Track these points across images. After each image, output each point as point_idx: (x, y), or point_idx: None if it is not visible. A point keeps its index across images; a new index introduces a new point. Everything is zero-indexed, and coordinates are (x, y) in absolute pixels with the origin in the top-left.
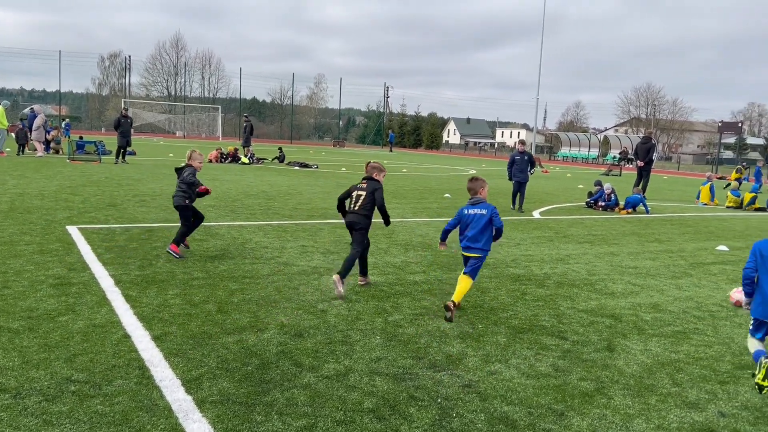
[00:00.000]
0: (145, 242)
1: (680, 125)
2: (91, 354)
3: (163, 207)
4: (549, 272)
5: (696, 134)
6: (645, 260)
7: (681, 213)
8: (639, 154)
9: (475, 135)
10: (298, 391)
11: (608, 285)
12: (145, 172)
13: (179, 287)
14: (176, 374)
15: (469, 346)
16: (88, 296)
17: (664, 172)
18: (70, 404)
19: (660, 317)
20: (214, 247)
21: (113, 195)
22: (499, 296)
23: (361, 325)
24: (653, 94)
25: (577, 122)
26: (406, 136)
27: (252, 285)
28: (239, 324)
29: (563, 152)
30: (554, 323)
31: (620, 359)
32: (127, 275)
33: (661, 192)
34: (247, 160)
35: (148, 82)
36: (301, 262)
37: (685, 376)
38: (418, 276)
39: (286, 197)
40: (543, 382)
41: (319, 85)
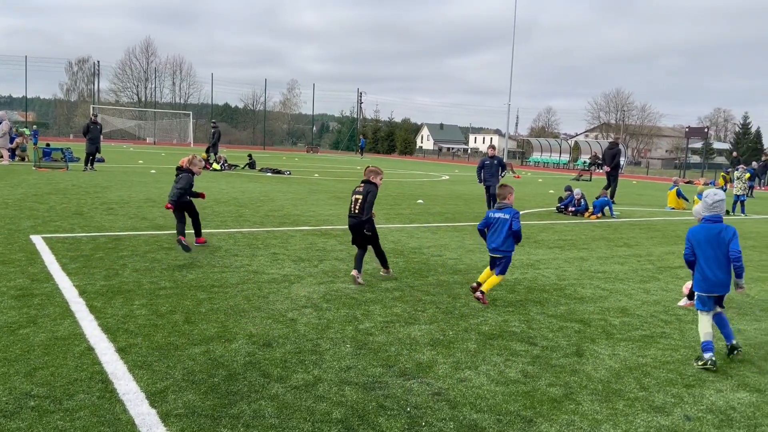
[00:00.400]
0: (112, 251)
1: (649, 130)
2: (52, 368)
3: (131, 215)
4: (519, 278)
5: (664, 139)
6: (614, 265)
7: (649, 218)
8: (606, 159)
9: (448, 141)
10: (266, 402)
11: (578, 290)
12: (113, 179)
13: (145, 297)
14: (141, 387)
15: (439, 354)
16: (51, 308)
17: (633, 177)
18: (28, 420)
19: (628, 321)
20: (182, 256)
21: (80, 203)
22: (469, 302)
23: (331, 333)
24: (622, 99)
25: (548, 128)
26: (379, 142)
27: (221, 294)
28: (207, 334)
29: (535, 158)
30: (524, 329)
31: (589, 364)
32: (92, 286)
33: (629, 197)
34: (218, 167)
35: (118, 87)
36: (271, 270)
37: (652, 380)
38: (390, 283)
39: (258, 204)
40: (512, 389)
41: (292, 90)
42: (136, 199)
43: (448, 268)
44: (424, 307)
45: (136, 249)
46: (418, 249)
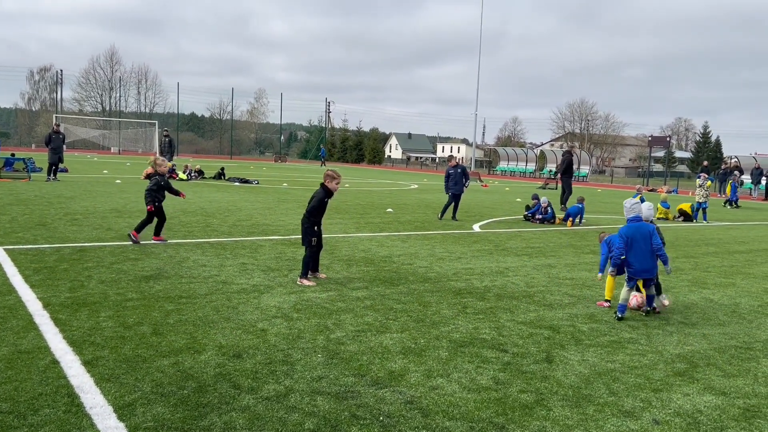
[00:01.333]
0: (77, 263)
1: (612, 139)
2: (15, 382)
3: (95, 226)
4: (489, 285)
5: (628, 148)
6: (581, 272)
7: (615, 225)
8: (558, 166)
9: (416, 150)
10: (237, 414)
11: (546, 297)
12: (77, 189)
13: (112, 309)
14: (108, 400)
15: (411, 362)
16: (14, 321)
17: (597, 185)
18: None
19: (596, 327)
20: (149, 267)
21: (43, 214)
22: (440, 310)
23: (302, 343)
24: (587, 109)
25: (514, 137)
26: (348, 151)
27: (189, 305)
28: (175, 346)
29: (502, 166)
30: (494, 336)
31: (559, 370)
32: (56, 298)
33: (595, 204)
34: (185, 176)
35: (81, 96)
36: (240, 281)
37: (620, 385)
38: (361, 292)
39: (226, 214)
40: (484, 396)
41: (259, 99)
42: (101, 210)
43: (418, 277)
44: (396, 315)
45: (101, 260)
46: (389, 257)
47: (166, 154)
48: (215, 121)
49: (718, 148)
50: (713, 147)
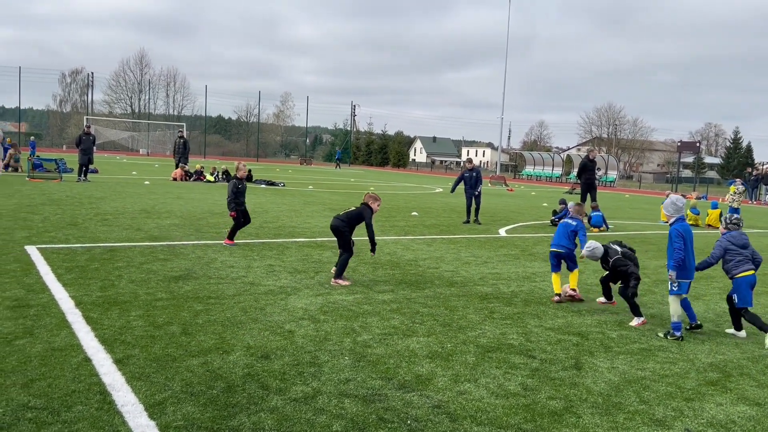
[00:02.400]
0: (107, 262)
1: (640, 144)
2: (49, 379)
3: (125, 226)
4: (516, 290)
5: (656, 153)
6: None
7: (643, 231)
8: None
9: (440, 153)
10: (265, 414)
11: (574, 303)
12: (107, 190)
13: (142, 308)
14: (139, 399)
15: (438, 366)
16: (47, 318)
17: (625, 191)
18: None
19: (625, 334)
20: (178, 267)
21: (74, 214)
22: (467, 314)
23: (330, 345)
24: (614, 113)
25: (540, 141)
26: (373, 155)
27: (217, 306)
28: (204, 346)
29: (527, 171)
30: (522, 341)
31: (588, 377)
32: (88, 296)
33: (622, 210)
34: (212, 178)
35: (111, 99)
36: (267, 282)
37: (651, 393)
38: (387, 295)
39: (253, 216)
40: (512, 402)
41: (285, 103)
42: (131, 210)
43: (444, 281)
44: (422, 319)
45: (131, 260)
46: (414, 261)
47: (179, 156)
48: (242, 123)
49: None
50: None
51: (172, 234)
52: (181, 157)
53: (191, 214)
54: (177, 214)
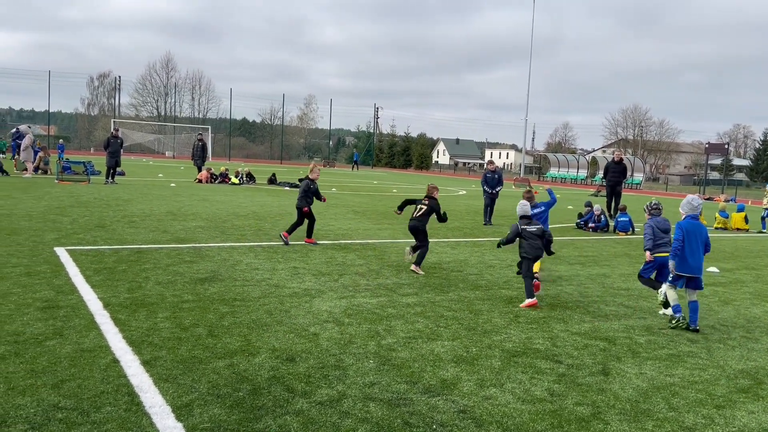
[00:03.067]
0: (135, 264)
1: (667, 146)
2: (78, 380)
3: (152, 228)
4: (542, 294)
5: (683, 155)
6: (637, 282)
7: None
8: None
9: (464, 155)
10: (291, 417)
11: (601, 307)
12: (134, 192)
13: (169, 310)
14: (166, 400)
15: (463, 371)
16: (76, 320)
17: (651, 193)
18: None
19: (654, 340)
20: (204, 269)
21: (102, 216)
22: (492, 318)
23: (354, 348)
24: (640, 115)
25: (565, 143)
26: (395, 157)
27: (243, 308)
28: (230, 348)
29: (552, 173)
30: (548, 346)
31: (616, 383)
32: (115, 298)
33: None
34: (237, 180)
35: (138, 102)
36: (292, 284)
37: (680, 400)
38: (411, 298)
39: (277, 218)
40: (539, 407)
41: (309, 105)
42: (157, 213)
43: (469, 284)
44: (447, 323)
45: (158, 262)
46: (438, 264)
47: (198, 159)
48: (266, 126)
49: None
50: None
51: (198, 236)
52: (200, 160)
53: (216, 216)
54: (202, 216)
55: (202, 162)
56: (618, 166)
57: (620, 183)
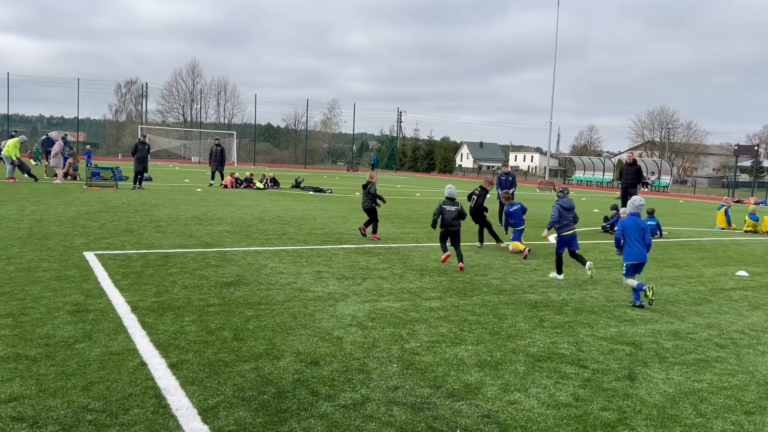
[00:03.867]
0: (162, 268)
1: (695, 148)
2: (107, 382)
3: (178, 233)
4: (567, 298)
5: (711, 157)
6: (663, 286)
7: (698, 238)
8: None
9: (487, 159)
10: (315, 420)
11: (627, 311)
12: (161, 197)
13: (195, 314)
14: (193, 403)
15: (487, 375)
16: (105, 323)
17: (679, 196)
18: None
19: (681, 345)
20: (229, 273)
21: (130, 221)
22: (516, 323)
23: (378, 352)
24: (667, 117)
25: (590, 146)
26: (419, 161)
27: (267, 311)
28: (255, 351)
29: (577, 176)
30: (573, 351)
31: (642, 388)
32: (143, 302)
33: (677, 216)
34: (261, 185)
35: (164, 108)
36: (316, 288)
37: (709, 406)
38: (434, 302)
39: (301, 222)
40: (564, 412)
41: (333, 110)
42: (184, 217)
43: (492, 288)
44: (470, 327)
45: (184, 266)
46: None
47: (216, 163)
48: (290, 131)
49: None
50: None
51: (224, 240)
52: (218, 165)
53: (241, 221)
54: (228, 220)
55: (221, 167)
56: (631, 167)
57: (634, 185)
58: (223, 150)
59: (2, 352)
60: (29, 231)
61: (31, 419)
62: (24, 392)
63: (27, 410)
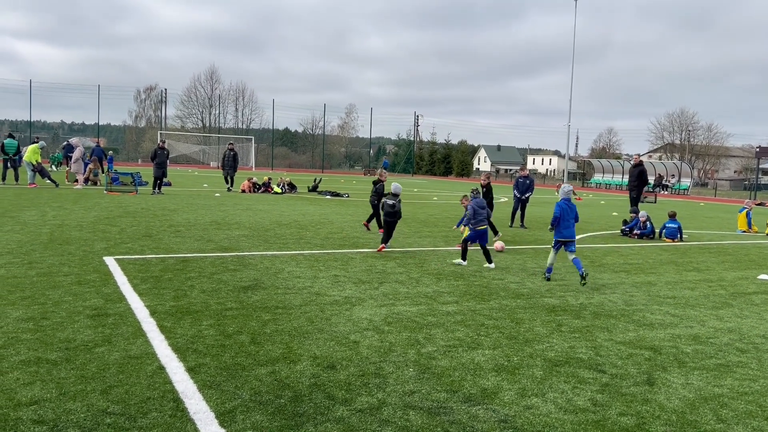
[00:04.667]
0: (180, 273)
1: (716, 150)
2: (126, 386)
3: (197, 237)
4: (585, 302)
5: (732, 159)
6: (683, 290)
7: (719, 241)
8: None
9: (505, 162)
10: (331, 425)
11: (646, 316)
12: (180, 202)
13: (213, 318)
14: (210, 407)
15: (504, 380)
16: (124, 327)
17: (700, 199)
18: None
19: (701, 349)
20: (247, 277)
21: (149, 225)
22: (534, 327)
23: (394, 357)
24: (687, 119)
25: (609, 148)
26: (436, 164)
27: (284, 316)
28: (272, 355)
29: (596, 179)
30: (591, 355)
31: (661, 393)
32: (162, 306)
33: (697, 219)
34: (279, 190)
35: (183, 114)
36: (332, 292)
37: (729, 411)
38: (451, 306)
39: (318, 226)
40: (581, 417)
41: (350, 114)
42: (202, 222)
43: (510, 292)
44: (487, 331)
45: (202, 270)
46: (479, 272)
47: (229, 168)
48: (307, 136)
49: None
50: None
51: (241, 245)
52: (231, 170)
53: (259, 226)
54: (246, 225)
55: (233, 171)
56: (635, 169)
57: (639, 187)
58: (236, 155)
59: (24, 356)
60: (50, 236)
61: (51, 422)
62: (44, 395)
63: (47, 413)
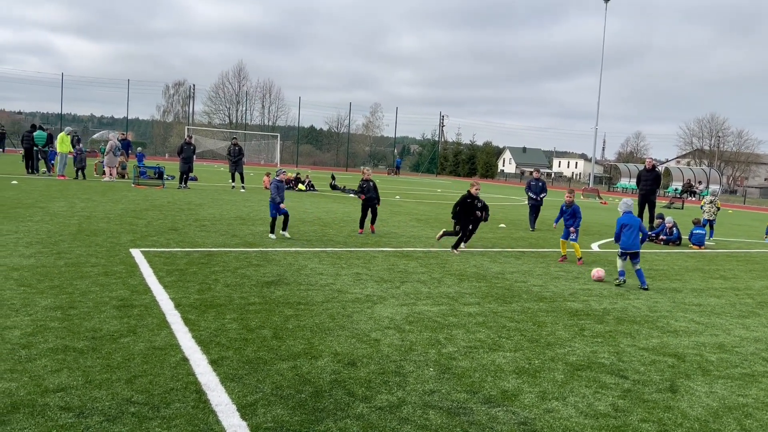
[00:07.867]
0: (205, 266)
1: (746, 157)
2: (150, 376)
3: (222, 232)
4: (608, 307)
5: (763, 167)
6: (709, 298)
7: (747, 249)
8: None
9: (530, 164)
10: (351, 421)
11: (670, 322)
12: (206, 197)
13: (236, 312)
14: (232, 399)
15: (525, 382)
16: (149, 318)
17: (729, 206)
18: (129, 425)
19: (726, 358)
20: (270, 273)
21: (175, 219)
22: (556, 331)
23: (415, 356)
24: (717, 125)
25: (636, 153)
26: (460, 165)
27: (306, 311)
28: (294, 350)
29: (623, 183)
30: (614, 361)
31: (684, 401)
32: (186, 299)
33: (725, 227)
34: (303, 187)
35: (211, 110)
36: (354, 290)
37: (754, 422)
38: (473, 307)
39: (341, 224)
40: (602, 422)
41: (374, 113)
42: (227, 217)
43: (533, 295)
44: (509, 334)
45: (227, 265)
46: (501, 274)
47: (233, 163)
48: (332, 134)
49: None
50: None
51: (265, 240)
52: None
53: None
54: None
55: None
56: (650, 173)
57: (653, 192)
58: (240, 149)
59: (52, 344)
60: (79, 227)
61: (77, 409)
62: (71, 383)
63: (74, 400)
